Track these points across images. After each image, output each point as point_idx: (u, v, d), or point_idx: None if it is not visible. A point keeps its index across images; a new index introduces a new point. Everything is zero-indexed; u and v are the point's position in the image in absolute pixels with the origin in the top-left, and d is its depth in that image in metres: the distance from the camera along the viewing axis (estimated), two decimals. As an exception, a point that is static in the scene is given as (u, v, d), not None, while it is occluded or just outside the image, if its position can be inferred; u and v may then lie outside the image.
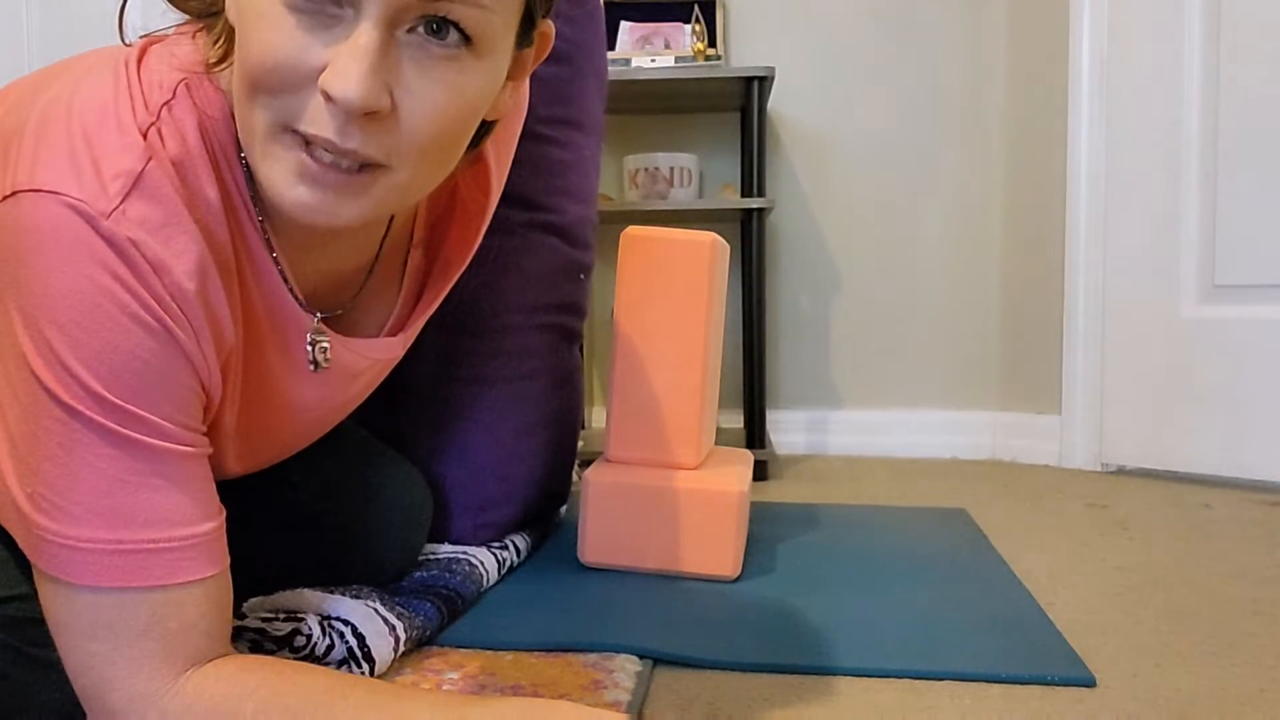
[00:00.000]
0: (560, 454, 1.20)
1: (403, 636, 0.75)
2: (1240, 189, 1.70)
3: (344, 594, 0.80)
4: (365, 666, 0.70)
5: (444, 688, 0.71)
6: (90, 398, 0.52)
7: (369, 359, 0.74)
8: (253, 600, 0.80)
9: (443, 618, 0.83)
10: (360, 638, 0.71)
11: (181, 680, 0.55)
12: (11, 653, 0.62)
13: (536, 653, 0.80)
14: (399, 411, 1.10)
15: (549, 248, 1.14)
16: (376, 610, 0.76)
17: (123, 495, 0.53)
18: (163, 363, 0.55)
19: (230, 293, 0.60)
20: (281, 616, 0.71)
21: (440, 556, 1.02)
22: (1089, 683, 0.75)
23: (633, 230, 1.12)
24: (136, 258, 0.53)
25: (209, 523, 0.57)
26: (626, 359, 1.12)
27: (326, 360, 0.69)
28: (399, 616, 0.77)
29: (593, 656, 0.79)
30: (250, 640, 0.70)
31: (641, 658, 0.79)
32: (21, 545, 0.56)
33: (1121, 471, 1.90)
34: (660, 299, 1.11)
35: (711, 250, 1.11)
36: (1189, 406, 1.77)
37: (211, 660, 0.57)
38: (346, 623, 0.72)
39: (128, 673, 0.54)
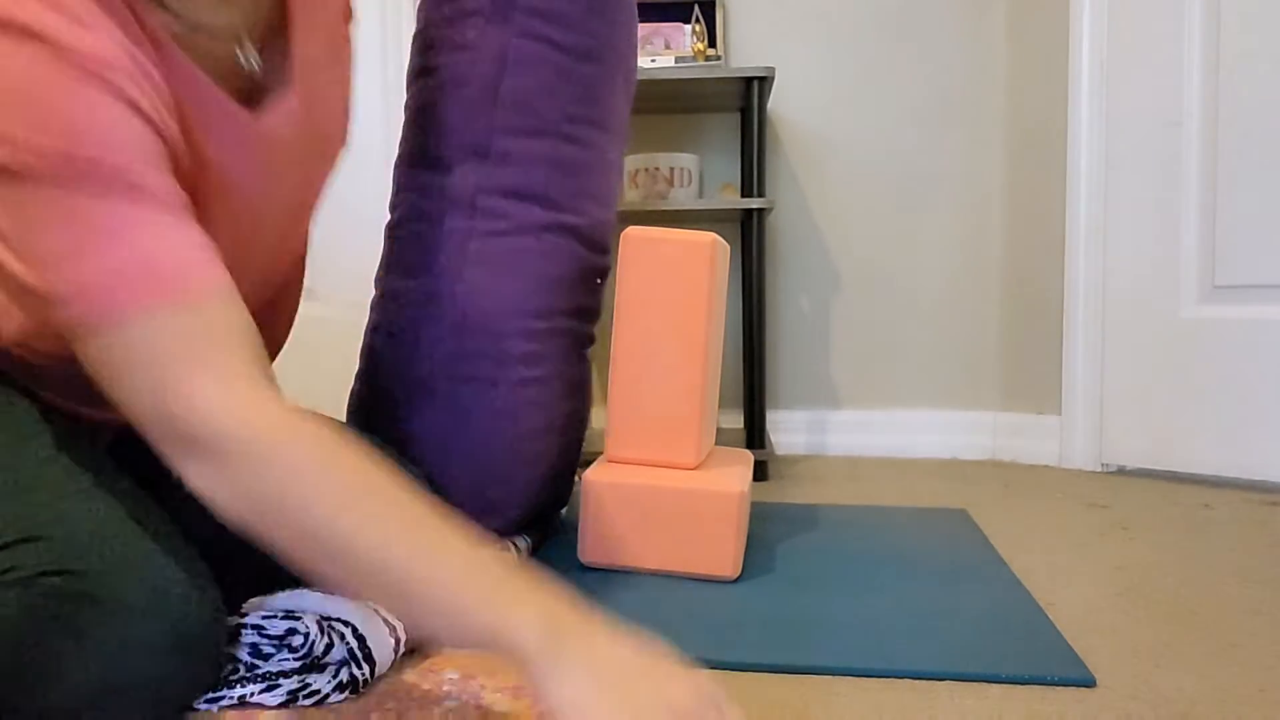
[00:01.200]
0: (565, 459, 1.20)
1: (402, 638, 0.75)
2: (1240, 189, 1.70)
3: (340, 596, 0.80)
4: (366, 668, 0.70)
5: (444, 687, 0.71)
6: (61, 159, 0.56)
7: (283, 118, 0.77)
8: (252, 600, 0.80)
9: (443, 618, 0.83)
10: (361, 639, 0.71)
11: (251, 393, 0.58)
12: (50, 622, 0.63)
13: (536, 653, 0.80)
14: (405, 410, 1.10)
15: (567, 252, 1.13)
16: (377, 610, 0.76)
17: (122, 237, 0.57)
18: (116, 114, 0.59)
19: (152, 83, 0.64)
20: (280, 615, 0.71)
21: (440, 556, 1.01)
22: (1089, 683, 0.75)
23: (633, 230, 1.13)
24: (63, 37, 0.57)
25: (207, 249, 0.61)
26: (626, 359, 1.12)
27: (259, 63, 0.74)
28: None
29: (593, 656, 0.79)
30: (250, 643, 0.70)
31: (641, 658, 0.79)
32: (66, 335, 0.60)
33: (1121, 471, 1.90)
34: (660, 299, 1.11)
35: (711, 250, 1.11)
36: (1189, 406, 1.77)
37: (271, 391, 0.60)
38: (347, 623, 0.72)
39: (192, 377, 0.57)
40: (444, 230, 1.10)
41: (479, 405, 1.08)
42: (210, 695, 0.67)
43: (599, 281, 1.21)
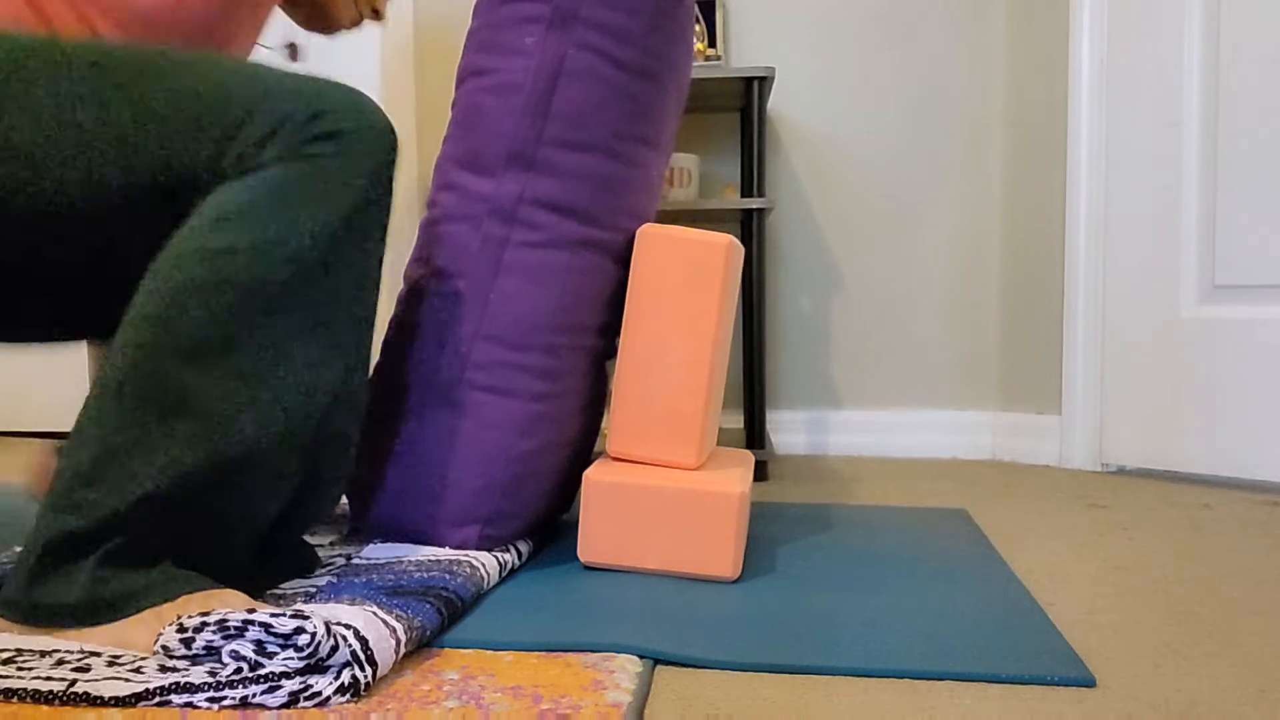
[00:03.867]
0: (574, 471, 1.20)
1: (403, 639, 0.75)
2: (1240, 189, 1.70)
3: (338, 601, 0.80)
4: (368, 670, 0.70)
5: (443, 688, 0.71)
6: None
7: None
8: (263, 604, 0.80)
9: (442, 619, 0.84)
10: (363, 641, 0.71)
11: None
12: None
13: (536, 653, 0.81)
14: (420, 409, 1.09)
15: (600, 269, 1.13)
16: (376, 614, 0.76)
17: None
18: None
19: None
20: (288, 614, 0.71)
21: (441, 558, 1.02)
22: (1089, 683, 0.75)
23: (649, 228, 1.12)
24: None
25: None
26: (633, 357, 1.12)
27: None
28: (398, 619, 0.77)
29: (593, 656, 0.79)
30: (255, 639, 0.71)
31: (641, 658, 0.79)
32: None
33: (1121, 471, 1.90)
34: (672, 299, 1.11)
35: (728, 252, 1.11)
36: (1189, 406, 1.77)
37: None
38: (349, 626, 0.72)
39: None
40: (481, 235, 1.09)
41: (494, 415, 1.07)
42: (212, 695, 0.67)
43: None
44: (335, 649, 0.70)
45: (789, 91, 2.19)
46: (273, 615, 0.70)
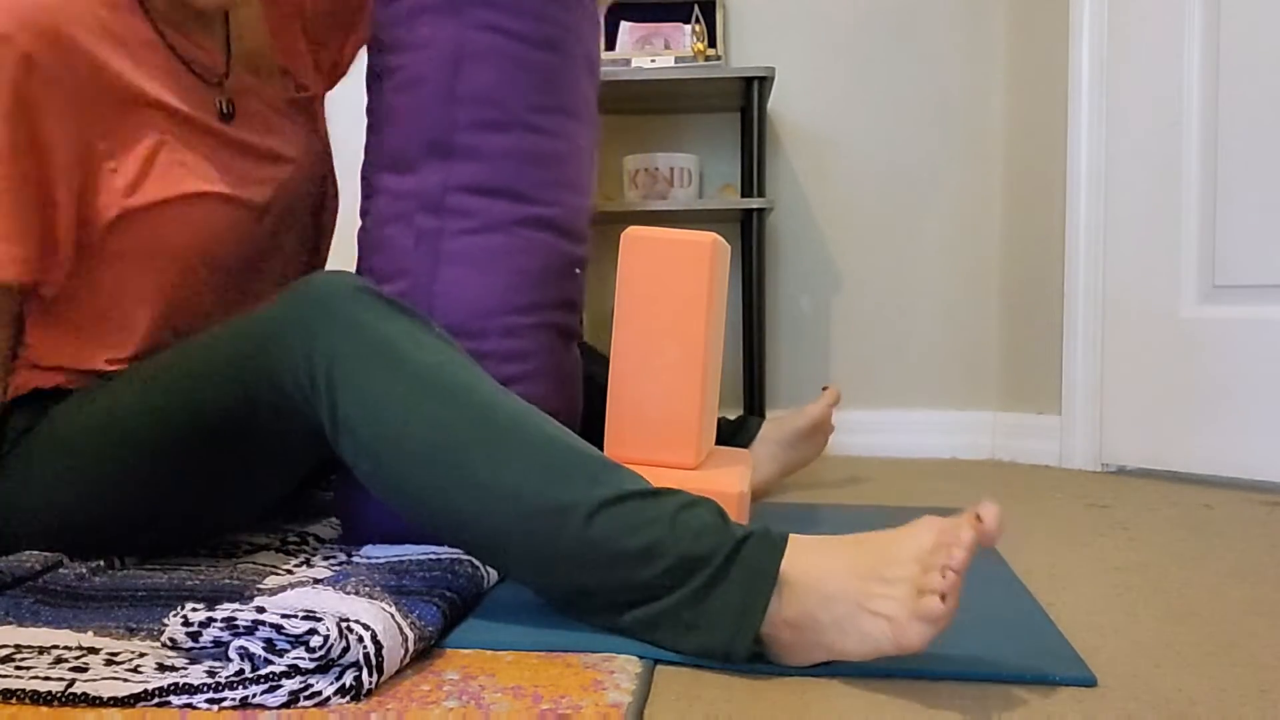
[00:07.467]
0: None
1: (412, 650, 0.75)
2: (1240, 189, 1.70)
3: (355, 595, 0.80)
4: (375, 676, 0.70)
5: (443, 688, 0.71)
6: None
7: (271, 101, 1.12)
8: (273, 599, 0.80)
9: (445, 621, 0.84)
10: (379, 646, 0.70)
11: None
12: None
13: (537, 653, 0.81)
14: None
15: (543, 244, 1.13)
16: (393, 616, 0.76)
17: None
18: None
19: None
20: (300, 615, 0.71)
21: (442, 557, 1.02)
22: (1089, 683, 0.75)
23: (633, 230, 1.12)
24: None
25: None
26: (625, 359, 1.12)
27: (231, 109, 1.08)
28: (411, 626, 0.77)
29: (593, 657, 0.79)
30: (265, 638, 0.70)
31: (641, 658, 0.79)
32: None
33: (1121, 471, 1.90)
34: (660, 299, 1.11)
35: (712, 250, 1.11)
36: (1189, 406, 1.77)
37: None
38: (367, 628, 0.71)
39: None
40: (415, 232, 1.09)
41: None
42: (211, 696, 0.67)
43: (578, 271, 1.20)
44: (347, 650, 0.70)
45: (789, 91, 2.19)
46: (284, 616, 0.70)
